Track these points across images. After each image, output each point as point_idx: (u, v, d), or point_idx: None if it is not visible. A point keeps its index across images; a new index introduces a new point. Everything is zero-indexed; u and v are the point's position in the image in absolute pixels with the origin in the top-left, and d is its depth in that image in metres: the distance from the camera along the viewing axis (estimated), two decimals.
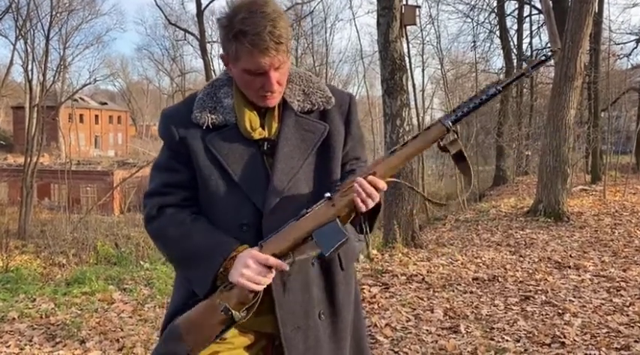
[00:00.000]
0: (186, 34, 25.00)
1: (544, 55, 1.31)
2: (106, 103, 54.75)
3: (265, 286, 1.30)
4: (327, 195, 1.30)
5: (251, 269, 1.27)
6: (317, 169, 1.41)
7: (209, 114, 1.38)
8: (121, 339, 3.48)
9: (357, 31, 38.13)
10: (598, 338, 3.51)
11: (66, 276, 5.87)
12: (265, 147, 1.39)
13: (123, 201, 26.62)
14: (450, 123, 1.29)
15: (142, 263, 6.30)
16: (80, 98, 46.15)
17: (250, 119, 1.37)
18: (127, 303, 4.28)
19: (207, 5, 15.04)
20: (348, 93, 1.50)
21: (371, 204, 1.28)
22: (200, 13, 17.13)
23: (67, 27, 29.67)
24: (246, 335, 1.42)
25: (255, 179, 1.36)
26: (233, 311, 1.28)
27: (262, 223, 1.35)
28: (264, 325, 1.39)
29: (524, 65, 1.31)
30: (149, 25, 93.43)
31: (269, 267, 1.29)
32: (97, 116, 52.34)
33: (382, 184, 1.29)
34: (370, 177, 1.28)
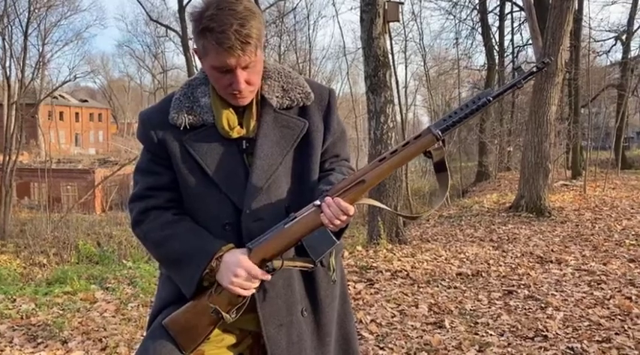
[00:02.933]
0: (168, 31, 24.75)
1: (536, 66, 1.31)
2: (86, 101, 54.11)
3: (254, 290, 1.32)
4: (317, 203, 1.29)
5: (241, 276, 1.28)
6: (296, 166, 1.40)
7: (186, 115, 1.36)
8: (104, 339, 3.43)
9: (340, 28, 38.04)
10: (580, 331, 3.56)
11: (47, 276, 5.80)
12: (244, 146, 1.37)
13: (104, 199, 26.35)
14: (440, 133, 1.29)
15: (124, 261, 6.24)
16: (60, 95, 45.48)
17: (228, 118, 1.36)
18: (109, 302, 4.23)
19: (189, 1, 14.89)
20: (327, 88, 1.48)
21: (337, 224, 1.27)
22: (182, 9, 16.96)
23: (46, 23, 29.14)
24: (230, 333, 1.42)
25: (233, 178, 1.36)
26: (223, 314, 1.30)
27: (241, 221, 1.34)
28: (247, 323, 1.39)
29: (516, 75, 1.30)
30: (130, 22, 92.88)
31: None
32: (77, 114, 51.70)
33: (352, 210, 1.27)
34: (339, 202, 1.26)
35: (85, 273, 5.29)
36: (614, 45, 21.78)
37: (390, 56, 6.67)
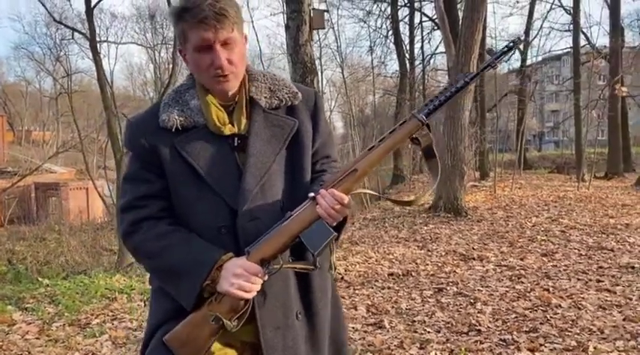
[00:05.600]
0: (73, 33, 23.39)
1: (506, 46, 1.39)
2: None
3: (255, 293, 1.29)
4: (311, 194, 1.29)
5: (241, 277, 1.26)
6: (288, 165, 1.40)
7: (177, 117, 1.35)
8: None
9: (256, 34, 37.70)
10: (508, 324, 3.77)
11: None
12: (236, 143, 1.36)
13: (3, 213, 24.45)
14: (424, 117, 1.33)
15: (40, 279, 5.80)
16: None
17: (218, 115, 1.35)
18: (30, 324, 3.94)
19: (99, 1, 14.16)
20: (313, 90, 1.51)
21: (333, 213, 1.27)
22: (90, 10, 16.11)
23: None
24: (232, 347, 1.38)
25: (227, 178, 1.34)
26: (224, 320, 1.26)
27: (236, 222, 1.31)
28: (247, 334, 1.35)
29: (488, 56, 1.37)
30: (27, 22, 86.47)
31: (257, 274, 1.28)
32: None
33: (346, 199, 1.28)
34: (333, 191, 1.27)
35: None
36: (513, 54, 23.38)
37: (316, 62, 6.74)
